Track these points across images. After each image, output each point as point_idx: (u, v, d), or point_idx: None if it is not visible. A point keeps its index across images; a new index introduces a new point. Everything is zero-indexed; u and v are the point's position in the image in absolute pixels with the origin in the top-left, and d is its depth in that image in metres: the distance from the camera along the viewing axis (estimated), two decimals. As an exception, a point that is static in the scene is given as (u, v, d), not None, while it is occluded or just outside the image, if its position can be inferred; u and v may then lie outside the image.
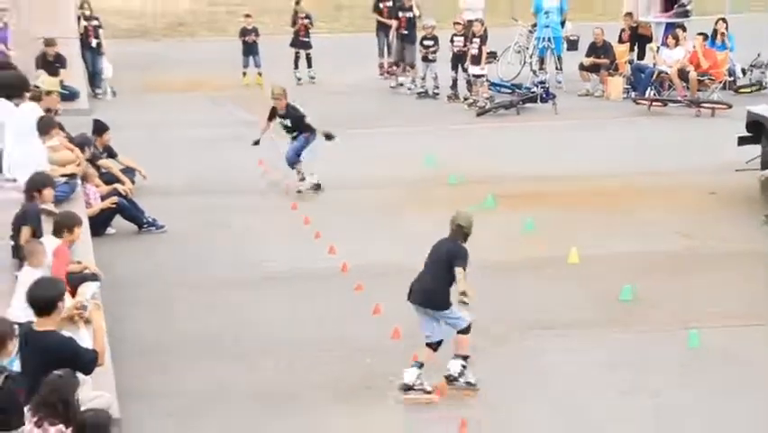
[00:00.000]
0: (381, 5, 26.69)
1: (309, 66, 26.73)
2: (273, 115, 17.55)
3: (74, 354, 8.53)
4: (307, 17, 26.82)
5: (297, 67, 26.68)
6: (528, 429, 10.03)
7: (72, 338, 8.85)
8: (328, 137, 17.35)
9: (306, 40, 26.73)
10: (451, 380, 10.63)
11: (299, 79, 26.32)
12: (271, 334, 12.16)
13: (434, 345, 10.59)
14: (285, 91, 17.53)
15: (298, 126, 17.32)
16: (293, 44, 26.80)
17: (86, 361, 8.61)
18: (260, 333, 12.20)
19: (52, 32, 23.89)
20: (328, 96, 24.42)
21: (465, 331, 10.70)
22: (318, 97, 23.51)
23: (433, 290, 10.50)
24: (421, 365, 10.54)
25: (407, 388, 10.51)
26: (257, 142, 17.74)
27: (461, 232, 10.61)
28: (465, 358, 10.69)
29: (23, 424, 7.86)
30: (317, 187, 17.36)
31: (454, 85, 24.58)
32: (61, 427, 7.97)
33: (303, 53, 26.73)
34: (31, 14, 24.34)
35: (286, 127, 17.48)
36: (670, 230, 15.41)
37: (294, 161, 17.34)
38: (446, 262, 10.44)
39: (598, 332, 12.12)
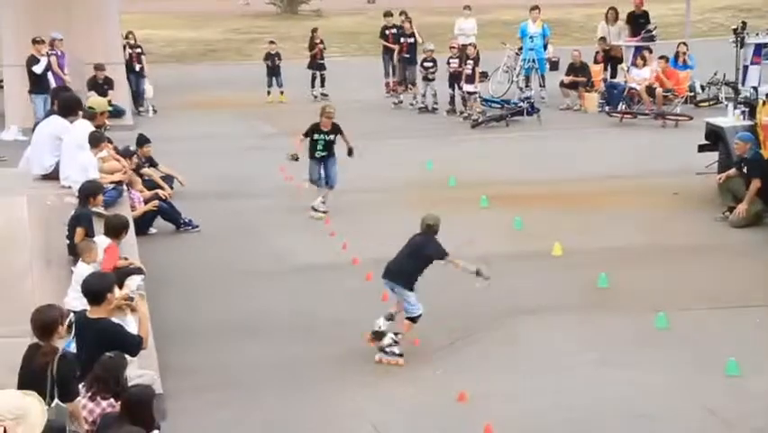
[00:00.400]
0: (387, 32, 26.81)
1: (323, 85, 26.80)
2: (313, 131, 16.13)
3: (122, 339, 8.55)
4: (322, 42, 27.02)
5: (313, 86, 26.82)
6: (516, 398, 10.00)
7: (120, 324, 8.86)
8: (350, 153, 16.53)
9: (322, 62, 26.90)
10: (382, 349, 10.83)
11: (315, 97, 26.38)
12: (293, 317, 12.17)
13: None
14: (335, 111, 16.41)
15: (333, 145, 16.19)
16: (310, 66, 26.96)
17: (132, 344, 8.62)
18: (284, 316, 12.21)
19: (101, 59, 23.93)
20: (340, 113, 24.26)
21: (414, 320, 10.79)
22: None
23: (407, 271, 10.82)
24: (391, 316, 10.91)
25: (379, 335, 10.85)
26: (296, 158, 16.19)
27: (430, 229, 11.02)
28: (397, 334, 10.82)
29: (78, 395, 7.87)
30: (325, 213, 16.22)
31: (452, 101, 24.56)
32: (112, 400, 8.00)
33: (318, 74, 26.83)
34: (83, 43, 24.38)
35: (324, 143, 16.12)
36: (640, 226, 15.38)
37: (335, 183, 16.28)
38: (418, 251, 10.87)
39: (578, 315, 12.10)
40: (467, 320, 11.78)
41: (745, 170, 15.60)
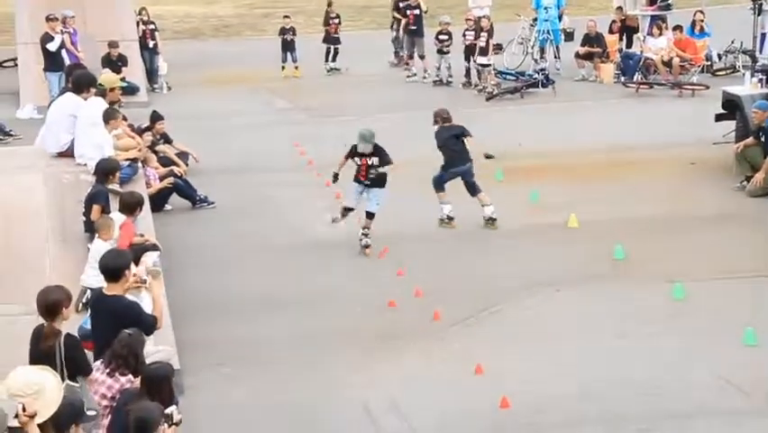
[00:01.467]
0: (401, 5, 26.66)
1: (334, 59, 26.77)
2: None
3: (137, 317, 8.58)
4: (337, 17, 26.96)
5: (327, 60, 26.78)
6: (533, 370, 10.03)
7: (136, 302, 8.90)
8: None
9: (336, 36, 26.85)
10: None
11: (329, 70, 26.38)
12: (309, 291, 12.21)
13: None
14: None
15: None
16: (325, 41, 26.91)
17: (146, 324, 8.66)
18: (300, 290, 12.25)
19: (115, 36, 23.94)
20: (355, 86, 24.38)
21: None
22: (347, 87, 23.51)
23: None
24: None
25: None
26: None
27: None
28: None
29: (91, 370, 7.90)
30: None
31: (467, 73, 24.46)
32: (130, 376, 8.06)
33: (332, 48, 26.82)
34: (96, 21, 24.39)
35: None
36: (656, 197, 15.34)
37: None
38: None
39: (595, 286, 12.10)
40: (484, 294, 11.80)
41: (762, 138, 15.52)
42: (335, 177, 13.70)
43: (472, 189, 14.10)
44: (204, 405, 9.38)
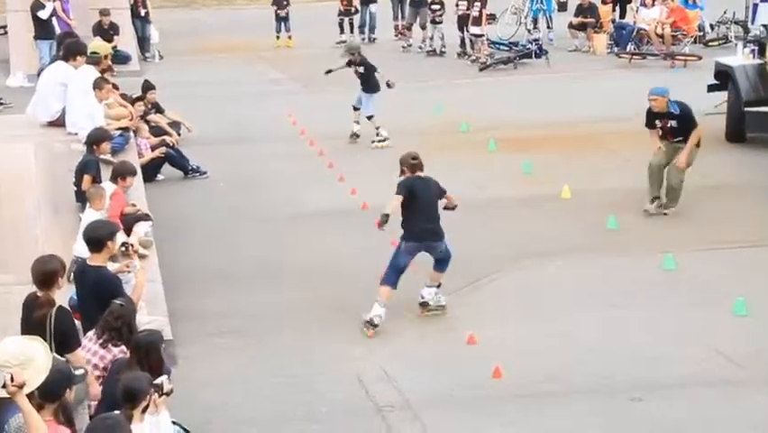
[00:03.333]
0: None
1: (351, 31, 26.48)
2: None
3: (113, 292, 8.43)
4: None
5: (342, 32, 26.43)
6: (526, 340, 10.03)
7: (117, 278, 8.80)
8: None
9: (350, 9, 26.63)
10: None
11: (338, 42, 25.93)
12: (303, 262, 12.18)
13: None
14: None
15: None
16: (341, 14, 26.67)
17: None
18: (293, 262, 12.22)
19: (106, 4, 23.78)
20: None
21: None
22: (340, 57, 23.30)
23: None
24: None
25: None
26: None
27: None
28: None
29: (79, 346, 7.86)
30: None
31: (462, 44, 24.42)
32: (123, 347, 8.03)
33: (347, 20, 26.56)
34: (87, -12, 24.28)
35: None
36: (649, 167, 15.29)
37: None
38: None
39: (588, 256, 12.10)
40: (476, 264, 11.78)
41: (660, 124, 13.63)
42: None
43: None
44: (197, 376, 9.36)
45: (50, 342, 7.26)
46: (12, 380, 5.59)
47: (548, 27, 25.68)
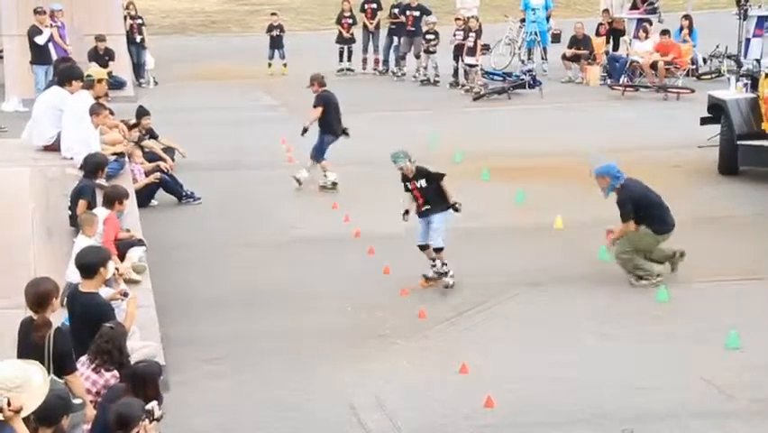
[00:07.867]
0: (395, 11, 26.31)
1: (349, 60, 26.32)
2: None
3: (103, 318, 8.42)
4: (352, 17, 26.46)
5: (341, 60, 26.30)
6: (517, 370, 10.04)
7: (109, 304, 8.82)
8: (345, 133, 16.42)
9: (350, 36, 26.40)
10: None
11: (339, 71, 25.83)
12: (295, 289, 12.18)
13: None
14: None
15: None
16: (339, 41, 26.45)
17: None
18: (286, 288, 12.22)
19: (102, 30, 23.85)
20: (340, 83, 24.29)
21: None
22: (334, 85, 23.33)
23: None
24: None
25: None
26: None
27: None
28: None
29: (76, 369, 7.85)
30: (335, 184, 16.17)
31: (455, 73, 24.52)
32: (115, 372, 8.02)
33: (346, 48, 26.40)
34: (83, 15, 24.31)
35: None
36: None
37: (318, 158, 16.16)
38: None
39: (579, 288, 12.12)
40: (469, 293, 11.81)
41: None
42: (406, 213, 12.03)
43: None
44: (189, 401, 9.35)
45: (48, 364, 7.26)
46: (8, 404, 5.57)
47: (542, 58, 25.82)
